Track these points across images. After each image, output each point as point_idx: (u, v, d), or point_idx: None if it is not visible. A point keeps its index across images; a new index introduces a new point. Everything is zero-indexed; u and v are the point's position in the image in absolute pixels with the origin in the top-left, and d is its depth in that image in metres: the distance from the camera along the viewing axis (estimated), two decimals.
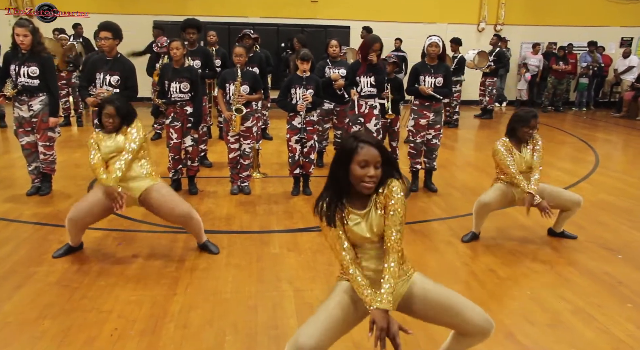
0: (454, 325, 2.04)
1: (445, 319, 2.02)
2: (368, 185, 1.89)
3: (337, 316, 1.94)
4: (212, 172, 5.81)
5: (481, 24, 12.33)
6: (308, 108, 4.73)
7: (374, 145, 1.88)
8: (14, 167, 5.79)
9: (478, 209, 3.79)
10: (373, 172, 1.87)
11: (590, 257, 3.67)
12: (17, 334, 2.55)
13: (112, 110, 3.30)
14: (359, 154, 1.86)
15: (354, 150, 1.87)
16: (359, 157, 1.86)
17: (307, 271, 3.35)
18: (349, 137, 1.93)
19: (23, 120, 4.56)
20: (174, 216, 3.43)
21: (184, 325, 2.67)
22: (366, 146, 1.87)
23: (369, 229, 1.96)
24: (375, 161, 1.87)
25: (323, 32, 10.99)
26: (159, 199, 3.39)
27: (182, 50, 4.67)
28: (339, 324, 1.94)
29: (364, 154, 1.86)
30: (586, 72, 11.88)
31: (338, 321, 1.93)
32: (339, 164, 1.92)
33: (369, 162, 1.86)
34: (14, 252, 3.53)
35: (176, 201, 3.46)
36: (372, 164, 1.87)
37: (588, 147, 7.86)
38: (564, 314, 2.88)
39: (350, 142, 1.90)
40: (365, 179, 1.87)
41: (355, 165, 1.87)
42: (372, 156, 1.86)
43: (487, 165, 6.38)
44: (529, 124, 3.60)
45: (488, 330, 2.02)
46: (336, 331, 1.93)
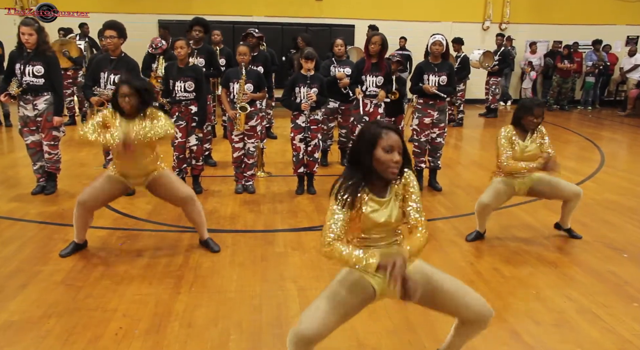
0: (455, 310, 2.07)
1: (446, 303, 2.05)
2: (394, 170, 1.91)
3: (340, 301, 1.97)
4: (217, 171, 5.82)
5: (486, 22, 12.28)
6: (312, 107, 4.72)
7: (396, 132, 1.92)
8: (19, 166, 5.81)
9: (479, 210, 3.78)
10: (398, 158, 1.90)
11: (596, 257, 3.65)
12: (23, 333, 2.56)
13: (127, 89, 3.15)
14: (384, 139, 1.89)
15: (378, 135, 1.90)
16: (384, 143, 1.89)
17: (312, 270, 3.34)
18: (371, 124, 1.96)
19: (28, 119, 4.58)
20: (178, 197, 3.49)
21: (188, 324, 2.67)
22: (390, 132, 1.90)
23: (386, 217, 1.98)
24: (399, 147, 1.90)
25: (328, 31, 10.97)
26: (164, 182, 3.46)
27: (186, 49, 4.67)
28: (341, 309, 1.96)
29: (389, 139, 1.89)
30: (592, 70, 11.81)
31: (340, 306, 1.96)
32: (363, 150, 1.92)
33: (394, 148, 1.89)
34: (19, 251, 3.55)
35: (179, 184, 3.55)
36: (396, 149, 1.89)
37: (593, 145, 7.82)
38: (569, 314, 2.86)
39: (374, 128, 1.92)
40: (392, 164, 1.89)
41: (380, 150, 1.89)
42: (396, 142, 1.90)
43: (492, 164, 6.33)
44: (533, 113, 3.58)
45: (487, 317, 2.05)
46: (338, 316, 1.96)
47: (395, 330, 2.66)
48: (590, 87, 12.12)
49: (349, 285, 2.00)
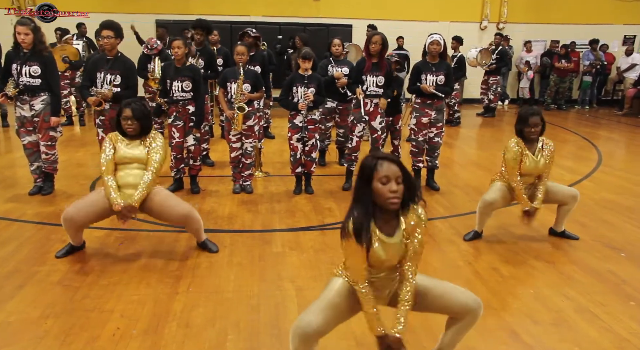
0: (445, 308, 2.11)
1: (435, 304, 2.10)
2: (393, 201, 1.87)
3: (337, 302, 2.01)
4: (214, 171, 5.81)
5: (484, 22, 12.30)
6: (310, 106, 4.72)
7: (392, 161, 1.89)
8: (16, 167, 5.80)
9: (482, 208, 3.77)
10: (395, 187, 1.86)
11: (594, 256, 3.66)
12: (20, 333, 2.55)
13: (129, 113, 3.29)
14: (378, 171, 1.86)
15: (373, 167, 1.87)
16: (379, 174, 1.86)
17: (309, 270, 3.34)
18: (367, 157, 1.93)
19: (25, 119, 4.56)
20: (175, 216, 3.42)
21: (186, 325, 2.67)
22: (385, 162, 1.87)
23: (392, 255, 1.98)
24: (396, 176, 1.87)
25: (325, 31, 10.98)
26: (159, 202, 3.39)
27: (183, 49, 4.66)
28: (338, 309, 2.01)
29: (384, 170, 1.86)
30: (589, 70, 11.84)
31: (338, 306, 2.01)
32: (361, 185, 1.91)
33: (390, 178, 1.86)
34: (17, 251, 3.53)
35: (176, 202, 3.46)
36: (393, 179, 1.86)
37: (591, 145, 7.84)
38: (567, 313, 2.87)
39: (369, 161, 1.89)
40: (389, 195, 1.86)
41: (377, 182, 1.86)
42: (393, 171, 1.86)
43: (490, 164, 6.36)
44: (528, 123, 3.57)
45: (476, 309, 2.09)
46: (336, 315, 2.01)
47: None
48: (587, 87, 12.15)
49: (344, 293, 2.04)
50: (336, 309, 2.01)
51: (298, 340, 1.96)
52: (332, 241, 3.83)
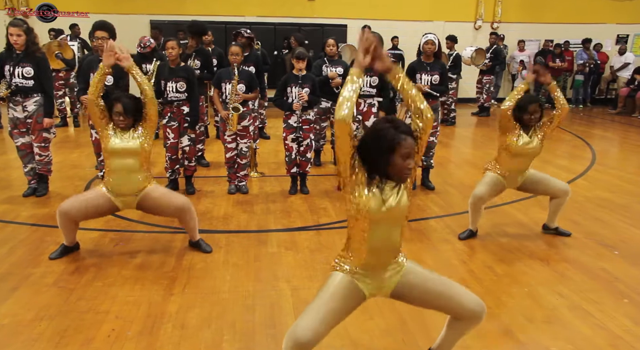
0: (448, 308, 2.09)
1: (439, 303, 2.07)
2: (407, 176, 1.89)
3: (333, 306, 1.96)
4: (210, 172, 5.80)
5: (478, 21, 12.33)
6: (304, 107, 4.72)
7: (411, 136, 1.88)
8: (10, 168, 5.77)
9: (473, 203, 3.80)
10: (413, 164, 1.88)
11: (587, 254, 3.68)
12: (14, 336, 2.55)
13: (120, 108, 3.26)
14: (402, 146, 1.84)
15: (397, 142, 1.83)
16: (402, 149, 1.84)
17: (305, 270, 3.34)
18: (388, 126, 1.86)
19: (18, 121, 4.55)
20: (172, 209, 3.44)
21: (181, 326, 2.66)
22: (408, 138, 1.86)
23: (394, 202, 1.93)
24: (414, 152, 1.88)
25: (320, 31, 10.98)
26: (155, 198, 3.40)
27: (177, 50, 4.67)
28: (334, 314, 1.97)
29: (407, 146, 1.85)
30: (582, 69, 11.89)
31: (334, 311, 1.97)
32: (378, 152, 1.86)
33: (410, 154, 1.86)
34: (11, 253, 3.52)
35: (173, 195, 3.49)
36: (411, 156, 1.87)
37: (585, 143, 7.87)
38: (560, 311, 2.88)
39: (392, 133, 1.84)
40: (406, 171, 1.88)
41: (397, 156, 1.85)
42: (412, 147, 1.87)
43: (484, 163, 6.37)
44: (528, 111, 3.64)
45: (481, 313, 2.08)
46: (332, 320, 1.97)
47: (389, 329, 2.66)
48: (580, 86, 12.19)
49: (340, 295, 2.00)
50: (334, 314, 1.96)
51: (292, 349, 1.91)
52: (327, 241, 3.84)
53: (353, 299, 2.03)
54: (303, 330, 1.88)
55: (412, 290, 2.08)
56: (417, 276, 2.08)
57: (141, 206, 3.43)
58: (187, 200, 3.50)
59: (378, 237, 1.98)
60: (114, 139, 3.30)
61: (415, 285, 2.07)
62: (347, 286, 2.02)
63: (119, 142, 3.30)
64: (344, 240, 2.12)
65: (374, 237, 1.98)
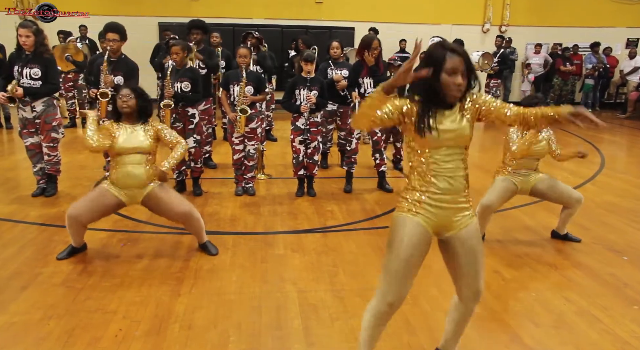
0: (459, 282, 2.11)
1: (465, 270, 2.07)
2: (456, 94, 1.91)
3: (412, 260, 1.99)
4: (217, 174, 5.82)
5: (486, 25, 12.31)
6: (312, 109, 4.73)
7: (460, 55, 1.90)
8: (19, 169, 5.82)
9: (481, 212, 3.78)
10: (461, 81, 1.89)
11: (596, 259, 3.66)
12: (23, 334, 2.56)
13: (127, 91, 3.30)
14: (447, 62, 1.88)
15: (442, 58, 1.89)
16: (447, 66, 1.88)
17: (311, 272, 3.35)
18: (437, 46, 1.94)
19: (27, 121, 4.59)
20: (175, 214, 3.45)
21: (188, 326, 2.67)
22: (454, 55, 1.89)
23: (451, 128, 1.94)
24: (462, 70, 1.89)
25: (327, 33, 11.00)
26: (160, 198, 3.42)
27: (182, 55, 4.72)
28: (415, 266, 2.01)
29: (453, 62, 1.88)
30: (592, 73, 11.83)
31: (414, 264, 2.00)
32: (433, 75, 1.90)
33: (457, 70, 1.88)
34: (20, 253, 3.55)
35: (177, 200, 3.49)
36: (459, 72, 1.89)
37: (594, 148, 7.83)
38: (568, 316, 2.87)
39: (439, 51, 1.91)
40: (453, 87, 1.89)
41: (443, 73, 1.89)
42: (460, 64, 1.89)
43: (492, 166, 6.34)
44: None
45: (478, 294, 2.11)
46: (414, 273, 2.02)
47: (395, 332, 2.65)
48: (589, 90, 12.13)
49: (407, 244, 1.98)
50: (411, 268, 1.98)
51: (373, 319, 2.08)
52: (334, 243, 3.84)
53: (422, 245, 2.01)
54: (393, 295, 1.99)
55: (461, 244, 2.05)
56: (473, 236, 2.07)
57: (146, 203, 3.45)
58: (191, 207, 3.50)
59: (441, 164, 1.98)
60: (120, 138, 3.32)
61: (466, 241, 2.04)
62: (412, 232, 1.99)
63: (126, 139, 3.32)
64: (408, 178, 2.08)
65: (437, 163, 1.98)
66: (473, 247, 2.05)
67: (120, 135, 3.32)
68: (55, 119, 4.63)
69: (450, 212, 2.02)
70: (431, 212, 2.00)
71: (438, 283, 3.18)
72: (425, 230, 2.00)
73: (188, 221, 3.48)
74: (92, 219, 3.40)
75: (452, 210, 2.02)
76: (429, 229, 2.01)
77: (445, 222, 2.02)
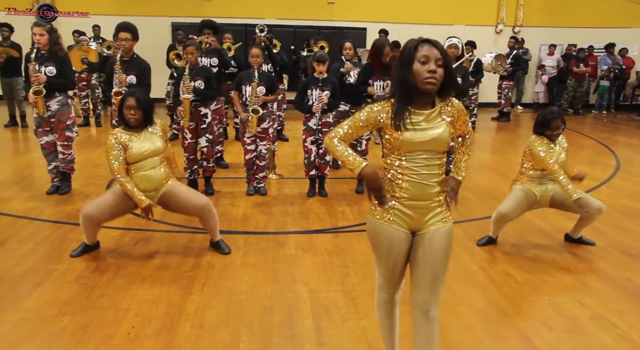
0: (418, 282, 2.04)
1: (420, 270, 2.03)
2: (430, 80, 1.86)
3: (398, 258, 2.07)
4: (229, 173, 5.84)
5: (499, 25, 12.22)
6: (324, 109, 4.73)
7: (435, 46, 1.88)
8: (34, 167, 5.89)
9: (496, 219, 3.74)
10: (434, 67, 1.85)
11: (611, 263, 3.61)
12: (37, 330, 2.59)
13: (133, 102, 3.32)
14: (419, 51, 1.87)
15: (414, 48, 1.88)
16: (419, 54, 1.86)
17: (323, 272, 3.35)
18: (410, 39, 1.93)
19: (42, 120, 4.64)
20: (193, 207, 3.48)
21: (200, 325, 2.69)
22: (427, 45, 1.87)
23: (428, 132, 1.91)
24: (436, 58, 1.85)
25: (339, 34, 10.99)
26: (176, 196, 3.45)
27: (196, 55, 4.76)
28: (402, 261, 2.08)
29: (425, 50, 1.86)
30: (607, 74, 11.68)
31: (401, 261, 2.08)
32: (402, 66, 1.90)
33: (429, 58, 1.85)
34: (35, 249, 3.59)
35: (193, 193, 3.54)
36: (432, 60, 1.85)
37: (609, 150, 7.73)
38: (582, 320, 2.83)
39: (412, 42, 1.91)
40: (426, 75, 1.85)
41: (416, 62, 1.87)
42: (433, 53, 1.86)
43: (504, 168, 6.31)
44: (551, 127, 3.58)
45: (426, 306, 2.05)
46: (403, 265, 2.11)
47: (406, 333, 2.64)
48: (604, 91, 11.99)
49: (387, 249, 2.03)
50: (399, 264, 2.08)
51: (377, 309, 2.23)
52: (345, 244, 3.83)
53: (404, 242, 2.03)
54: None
55: (426, 247, 2.02)
56: (438, 244, 2.02)
57: (162, 202, 3.48)
58: (208, 200, 3.54)
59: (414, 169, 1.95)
60: (133, 148, 3.33)
61: (427, 246, 2.01)
62: (392, 234, 2.01)
63: (138, 146, 3.34)
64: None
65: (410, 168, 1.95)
66: (435, 250, 2.00)
67: (132, 146, 3.34)
68: (69, 118, 4.68)
69: (421, 216, 2.01)
70: (402, 217, 1.99)
71: (449, 285, 3.16)
72: (401, 231, 2.01)
73: (205, 215, 3.50)
74: (107, 219, 3.44)
75: (423, 214, 2.01)
76: (405, 229, 2.02)
77: (418, 223, 2.02)
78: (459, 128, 2.09)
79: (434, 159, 1.95)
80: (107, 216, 3.41)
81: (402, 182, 1.96)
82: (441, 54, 1.86)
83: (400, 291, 2.18)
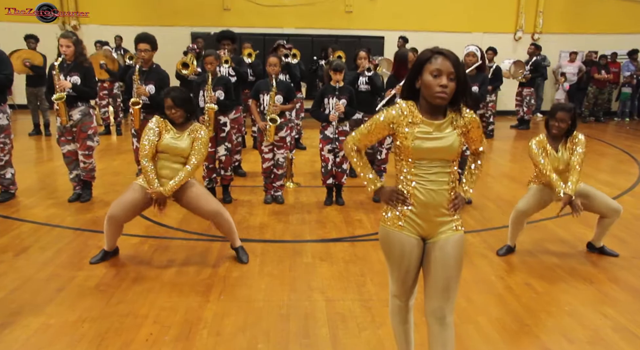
0: (431, 290, 2.01)
1: (433, 279, 2.00)
2: (440, 95, 1.85)
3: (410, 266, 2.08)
4: (246, 182, 5.88)
5: (518, 32, 12.12)
6: (341, 118, 4.74)
7: (449, 59, 1.86)
8: (56, 174, 6.01)
9: (515, 218, 3.69)
10: (445, 82, 1.84)
11: (634, 273, 3.53)
12: (59, 336, 2.64)
13: (170, 102, 3.40)
14: (431, 63, 1.85)
15: (427, 59, 1.87)
16: (431, 67, 1.85)
17: (339, 281, 3.34)
18: (425, 49, 1.92)
19: (64, 129, 4.74)
20: (205, 211, 3.51)
21: (217, 332, 2.70)
22: (440, 57, 1.86)
23: (439, 142, 1.91)
24: (449, 72, 1.84)
25: (357, 43, 11.02)
26: (193, 193, 3.49)
27: (215, 64, 4.83)
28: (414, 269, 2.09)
29: (437, 63, 1.85)
30: (629, 81, 11.47)
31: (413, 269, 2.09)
32: (412, 75, 1.91)
33: (442, 72, 1.84)
34: (56, 256, 3.66)
35: (207, 198, 3.55)
36: (444, 74, 1.84)
37: (631, 158, 7.58)
38: (604, 331, 2.77)
39: (425, 53, 1.89)
40: (437, 89, 1.84)
41: (427, 74, 1.86)
42: (446, 67, 1.84)
43: (523, 176, 6.22)
44: (555, 117, 3.50)
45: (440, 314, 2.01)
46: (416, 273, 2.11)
47: (423, 342, 2.62)
48: (627, 98, 11.77)
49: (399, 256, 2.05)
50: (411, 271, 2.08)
51: (391, 316, 2.23)
52: (362, 253, 3.82)
53: (415, 249, 2.02)
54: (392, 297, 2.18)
55: (433, 254, 2.00)
56: (450, 252, 1.98)
57: (177, 197, 3.51)
58: (220, 206, 3.56)
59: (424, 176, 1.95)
60: (164, 140, 3.42)
61: (440, 255, 1.98)
62: (404, 241, 2.01)
63: (171, 141, 3.42)
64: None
65: (420, 175, 1.95)
66: (448, 258, 1.98)
67: (165, 138, 3.42)
68: (91, 127, 4.78)
69: (432, 224, 2.00)
70: (412, 223, 2.00)
71: (467, 294, 3.13)
72: (412, 237, 2.01)
73: (218, 220, 3.52)
74: (128, 217, 3.49)
75: (434, 222, 1.99)
76: (416, 235, 2.02)
77: (428, 230, 2.01)
78: (472, 143, 2.08)
79: (445, 167, 1.95)
80: (130, 214, 3.48)
81: (412, 188, 1.96)
82: (454, 67, 1.85)
83: (414, 298, 2.17)
